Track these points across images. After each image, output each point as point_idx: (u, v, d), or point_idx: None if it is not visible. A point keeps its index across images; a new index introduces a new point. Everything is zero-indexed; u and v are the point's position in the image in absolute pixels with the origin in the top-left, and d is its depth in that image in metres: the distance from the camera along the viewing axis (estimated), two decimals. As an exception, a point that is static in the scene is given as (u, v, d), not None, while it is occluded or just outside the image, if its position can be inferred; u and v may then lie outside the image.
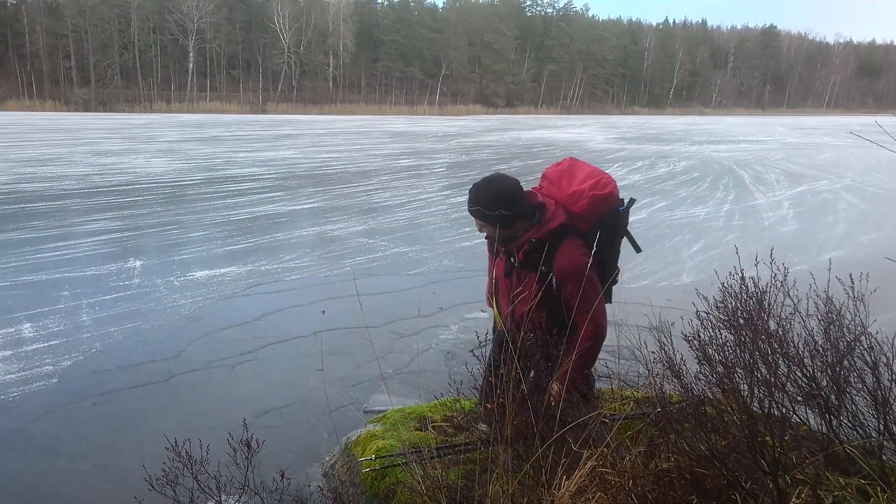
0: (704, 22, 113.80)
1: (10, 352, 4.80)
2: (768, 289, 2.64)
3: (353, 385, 4.37)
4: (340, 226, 9.78)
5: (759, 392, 2.34)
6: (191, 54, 64.56)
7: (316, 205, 11.65)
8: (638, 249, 3.00)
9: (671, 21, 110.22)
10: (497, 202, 2.74)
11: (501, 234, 2.79)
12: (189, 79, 64.82)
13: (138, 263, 7.35)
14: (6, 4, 63.85)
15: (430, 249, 8.36)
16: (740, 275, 2.64)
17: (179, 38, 64.34)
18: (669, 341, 2.66)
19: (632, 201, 2.96)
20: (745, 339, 2.18)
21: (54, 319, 5.47)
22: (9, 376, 4.39)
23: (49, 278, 6.70)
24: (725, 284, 2.72)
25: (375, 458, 2.99)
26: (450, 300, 6.22)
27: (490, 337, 3.00)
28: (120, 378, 4.40)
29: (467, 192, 2.85)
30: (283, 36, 67.58)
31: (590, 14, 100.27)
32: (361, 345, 4.98)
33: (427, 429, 3.25)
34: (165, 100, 61.52)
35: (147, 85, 62.98)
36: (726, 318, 2.62)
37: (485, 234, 2.93)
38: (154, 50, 64.24)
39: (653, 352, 2.60)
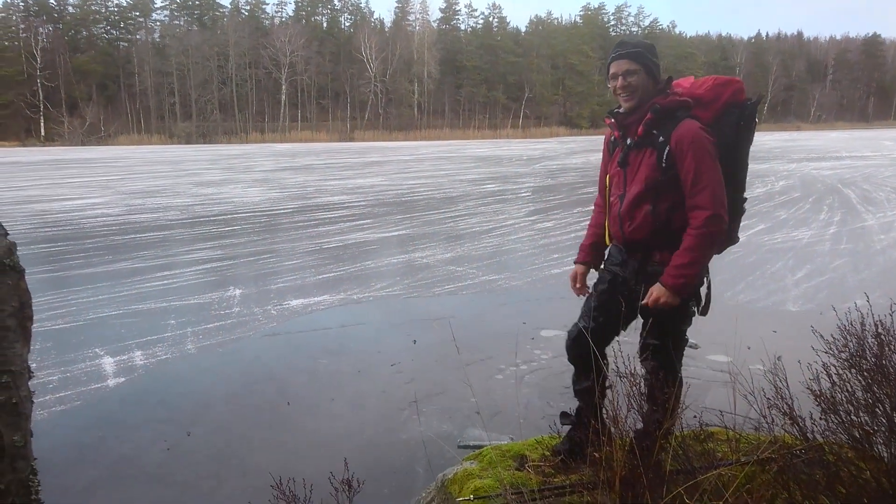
0: (800, 33, 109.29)
1: (123, 378, 5.07)
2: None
3: (447, 418, 4.35)
4: (428, 253, 9.86)
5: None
6: (283, 86, 67.62)
7: (404, 232, 11.82)
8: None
9: (764, 34, 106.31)
10: (652, 50, 2.79)
11: (645, 83, 2.72)
12: (282, 110, 67.86)
13: (237, 292, 7.65)
14: (119, 47, 69.08)
15: (518, 277, 8.30)
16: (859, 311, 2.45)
17: (273, 72, 67.60)
18: (785, 384, 2.50)
19: (760, 98, 2.80)
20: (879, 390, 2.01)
21: (162, 348, 5.75)
22: (123, 404, 4.64)
23: (157, 307, 7.07)
24: (844, 323, 2.54)
25: (473, 497, 2.94)
26: (541, 330, 6.13)
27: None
28: (223, 408, 4.55)
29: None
30: (370, 66, 69.71)
31: (677, 31, 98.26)
32: (453, 376, 4.96)
33: (525, 469, 3.18)
34: (260, 130, 64.58)
35: (243, 117, 66.38)
36: (847, 358, 2.44)
37: (622, 89, 2.75)
38: (250, 84, 67.74)
39: (769, 397, 2.45)
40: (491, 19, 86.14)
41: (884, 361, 2.27)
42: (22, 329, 1.35)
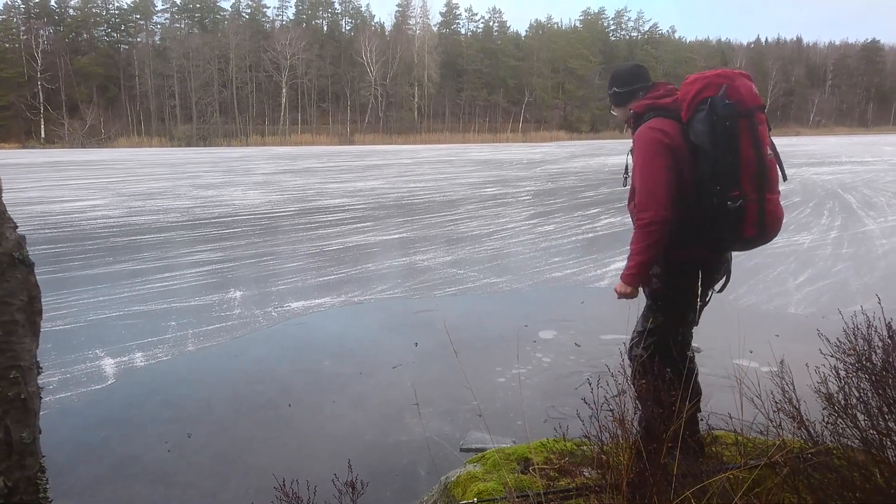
0: (799, 39, 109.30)
1: (125, 379, 5.06)
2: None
3: (449, 420, 4.33)
4: (429, 256, 9.85)
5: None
6: (284, 89, 67.69)
7: (405, 235, 11.81)
8: (784, 177, 2.70)
9: (763, 39, 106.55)
10: (612, 81, 2.99)
11: (618, 112, 3.01)
12: (282, 113, 67.92)
13: (238, 294, 7.64)
14: (119, 49, 69.18)
15: (519, 280, 8.28)
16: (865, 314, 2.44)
17: (273, 75, 67.67)
18: (792, 387, 2.49)
19: (735, 100, 2.55)
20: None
21: (163, 349, 5.74)
22: (124, 404, 4.62)
23: (158, 308, 7.06)
24: (851, 325, 2.53)
25: (477, 500, 2.92)
26: (542, 333, 6.11)
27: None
28: (225, 408, 4.54)
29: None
30: (371, 69, 69.77)
31: (677, 36, 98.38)
32: (454, 378, 4.94)
33: (529, 472, 3.16)
34: (260, 133, 64.66)
35: (243, 120, 66.43)
36: (855, 361, 2.43)
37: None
38: (250, 87, 67.83)
39: (776, 401, 2.44)
40: (491, 23, 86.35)
41: (893, 363, 2.25)
42: (31, 324, 1.34)
